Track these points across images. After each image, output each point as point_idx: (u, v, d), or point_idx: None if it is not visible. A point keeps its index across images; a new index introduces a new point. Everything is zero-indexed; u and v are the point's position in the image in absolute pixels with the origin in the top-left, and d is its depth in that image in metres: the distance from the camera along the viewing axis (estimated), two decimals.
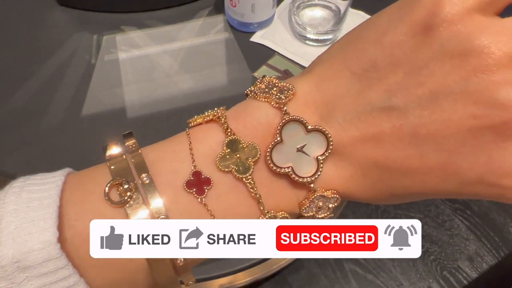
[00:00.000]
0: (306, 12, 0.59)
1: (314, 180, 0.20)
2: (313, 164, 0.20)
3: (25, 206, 0.19)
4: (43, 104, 0.53)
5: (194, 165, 0.20)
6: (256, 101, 0.22)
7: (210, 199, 0.20)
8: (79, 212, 0.20)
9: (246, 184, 0.20)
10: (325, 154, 0.20)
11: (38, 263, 0.18)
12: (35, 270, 0.18)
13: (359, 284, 1.06)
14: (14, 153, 0.49)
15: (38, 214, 0.18)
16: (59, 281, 0.18)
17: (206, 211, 0.20)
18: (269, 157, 0.20)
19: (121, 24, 0.61)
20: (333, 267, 1.08)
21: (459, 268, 1.09)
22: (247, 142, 0.20)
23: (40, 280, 0.18)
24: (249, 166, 0.20)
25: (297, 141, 0.20)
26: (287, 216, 0.21)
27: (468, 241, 1.13)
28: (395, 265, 1.08)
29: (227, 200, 0.20)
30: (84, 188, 0.21)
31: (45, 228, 0.18)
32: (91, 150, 0.49)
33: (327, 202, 0.20)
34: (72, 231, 0.19)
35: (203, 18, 0.62)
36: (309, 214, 0.21)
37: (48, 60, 0.57)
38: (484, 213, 1.17)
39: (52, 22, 0.61)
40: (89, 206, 0.20)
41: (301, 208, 0.21)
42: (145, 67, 0.57)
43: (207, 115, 0.22)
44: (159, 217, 0.19)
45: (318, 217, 0.21)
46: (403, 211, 1.16)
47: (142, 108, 0.53)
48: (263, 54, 0.57)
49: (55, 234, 0.18)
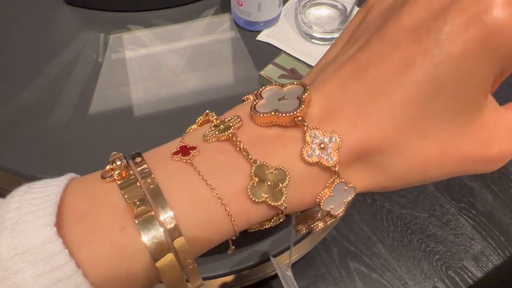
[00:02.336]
0: (312, 10, 0.59)
1: (299, 113, 0.20)
2: (295, 103, 0.20)
3: (28, 203, 0.19)
4: (50, 102, 0.53)
5: (182, 141, 0.21)
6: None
7: (198, 160, 0.20)
8: (79, 198, 0.20)
9: (232, 141, 0.20)
10: (305, 94, 0.20)
11: (34, 247, 0.18)
12: (32, 255, 0.18)
13: (364, 283, 1.06)
14: (22, 151, 0.49)
15: (38, 208, 0.19)
16: (56, 269, 0.18)
17: (194, 170, 0.20)
18: (253, 110, 0.20)
19: (127, 23, 0.61)
20: (338, 266, 1.08)
21: (464, 268, 1.09)
22: (231, 117, 0.21)
23: (37, 268, 0.18)
24: (231, 126, 0.21)
25: (277, 95, 0.21)
26: (282, 168, 0.20)
27: (473, 241, 1.13)
28: (400, 264, 1.08)
29: (215, 158, 0.21)
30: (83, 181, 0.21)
31: (44, 215, 0.18)
32: (98, 148, 0.50)
33: (326, 142, 0.19)
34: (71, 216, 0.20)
35: (209, 17, 0.62)
36: (313, 157, 0.19)
37: (55, 58, 0.57)
38: (490, 213, 1.17)
39: (59, 21, 0.61)
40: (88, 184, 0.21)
41: (303, 152, 0.19)
42: (152, 65, 0.57)
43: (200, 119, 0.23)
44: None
45: (322, 160, 0.19)
46: (408, 210, 1.16)
47: (149, 106, 0.53)
48: (270, 53, 0.57)
49: (53, 220, 0.18)
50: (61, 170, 0.47)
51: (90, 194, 0.20)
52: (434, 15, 0.18)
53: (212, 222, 0.20)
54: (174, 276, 0.20)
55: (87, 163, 0.48)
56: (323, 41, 0.58)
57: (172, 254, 0.19)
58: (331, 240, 1.11)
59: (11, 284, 0.17)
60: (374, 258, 1.09)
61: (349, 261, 1.08)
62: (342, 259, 1.09)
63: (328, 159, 0.19)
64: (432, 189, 1.19)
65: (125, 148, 0.51)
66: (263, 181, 0.19)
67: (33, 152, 0.49)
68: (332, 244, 1.10)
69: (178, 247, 0.19)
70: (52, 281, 0.18)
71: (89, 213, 0.20)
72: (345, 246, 1.10)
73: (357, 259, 1.09)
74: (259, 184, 0.20)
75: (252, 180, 0.20)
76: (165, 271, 0.19)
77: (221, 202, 0.20)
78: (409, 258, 1.09)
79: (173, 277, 0.20)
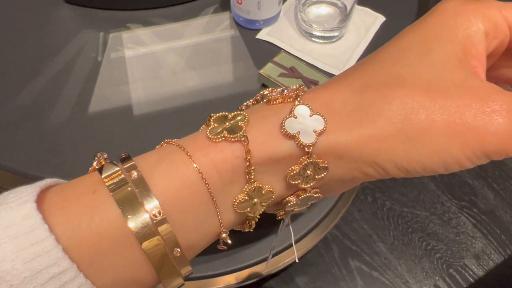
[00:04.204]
0: (312, 9, 0.59)
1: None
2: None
3: (11, 193, 0.20)
4: (50, 101, 0.53)
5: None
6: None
7: None
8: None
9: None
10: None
11: (15, 222, 0.18)
12: (12, 231, 0.18)
13: (364, 282, 1.06)
14: (21, 150, 0.49)
15: (21, 193, 0.20)
16: (35, 244, 0.18)
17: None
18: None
19: (127, 21, 0.61)
20: (339, 264, 1.08)
21: (465, 266, 1.09)
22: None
23: (17, 243, 0.18)
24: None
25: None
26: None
27: (474, 239, 1.12)
28: (401, 262, 1.08)
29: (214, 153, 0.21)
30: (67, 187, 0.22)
31: (26, 195, 0.19)
32: (98, 147, 0.50)
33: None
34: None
35: (209, 16, 0.62)
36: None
37: (55, 57, 0.57)
38: (491, 211, 1.16)
39: (58, 20, 0.61)
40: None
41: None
42: (151, 64, 0.57)
43: None
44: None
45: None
46: (409, 209, 1.16)
47: (149, 105, 0.53)
48: (269, 51, 0.57)
49: (34, 196, 0.19)
50: (60, 169, 0.47)
51: (71, 182, 0.21)
52: None
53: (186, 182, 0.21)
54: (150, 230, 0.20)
55: (87, 162, 0.48)
56: (323, 39, 0.58)
57: (143, 208, 0.20)
58: (332, 238, 1.11)
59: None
60: (374, 256, 1.09)
61: (349, 260, 1.08)
62: (343, 258, 1.09)
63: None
64: (433, 188, 1.19)
65: (125, 147, 0.51)
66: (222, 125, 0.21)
67: (33, 151, 0.49)
68: (333, 242, 1.10)
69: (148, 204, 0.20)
70: (32, 255, 0.18)
71: (66, 187, 0.21)
72: (346, 244, 1.10)
73: (357, 257, 1.09)
74: (218, 127, 0.21)
75: (211, 125, 0.22)
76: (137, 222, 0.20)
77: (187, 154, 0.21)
78: (410, 256, 1.09)
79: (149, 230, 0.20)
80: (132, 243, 0.20)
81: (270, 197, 0.22)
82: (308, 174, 0.21)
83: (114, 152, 0.47)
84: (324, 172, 0.21)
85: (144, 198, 0.20)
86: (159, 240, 0.20)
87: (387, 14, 0.61)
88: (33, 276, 0.18)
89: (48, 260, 0.18)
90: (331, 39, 0.58)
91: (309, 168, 0.21)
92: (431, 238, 1.12)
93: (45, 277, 0.18)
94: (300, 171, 0.21)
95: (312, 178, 0.21)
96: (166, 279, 0.21)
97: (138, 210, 0.19)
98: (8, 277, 0.17)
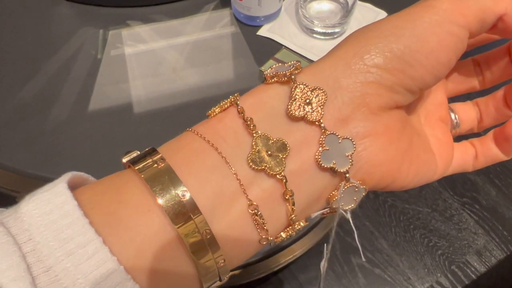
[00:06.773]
0: (313, 5, 0.58)
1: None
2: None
3: (39, 192, 0.20)
4: (50, 99, 0.52)
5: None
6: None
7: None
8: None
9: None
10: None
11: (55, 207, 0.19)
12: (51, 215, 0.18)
13: (366, 279, 1.06)
14: (21, 148, 0.49)
15: (51, 185, 0.20)
16: (67, 225, 0.18)
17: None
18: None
19: (127, 18, 0.61)
20: (341, 261, 1.07)
21: (468, 263, 1.08)
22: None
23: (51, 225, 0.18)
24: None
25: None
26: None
27: (476, 235, 1.12)
28: (402, 259, 1.08)
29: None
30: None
31: (59, 182, 0.20)
32: (98, 145, 0.49)
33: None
34: None
35: (209, 12, 0.61)
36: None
37: (54, 55, 0.56)
38: (493, 207, 1.16)
39: (58, 17, 0.61)
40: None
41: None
42: (152, 62, 0.56)
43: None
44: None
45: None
46: (411, 205, 1.15)
47: (149, 103, 0.53)
48: (270, 48, 0.57)
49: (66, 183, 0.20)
50: (61, 167, 0.47)
51: (122, 199, 0.21)
52: None
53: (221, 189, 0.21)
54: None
55: (87, 160, 0.48)
56: (324, 35, 0.57)
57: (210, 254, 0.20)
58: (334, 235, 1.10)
59: None
60: (376, 253, 1.09)
61: (351, 257, 1.08)
62: (345, 255, 1.08)
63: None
64: (435, 184, 1.19)
65: (125, 145, 0.50)
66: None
67: (33, 149, 0.49)
68: (335, 239, 1.10)
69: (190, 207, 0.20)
70: (60, 230, 0.18)
71: (118, 208, 0.20)
72: (348, 241, 1.10)
73: (359, 254, 1.09)
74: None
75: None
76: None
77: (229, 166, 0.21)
78: (412, 253, 1.09)
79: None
80: None
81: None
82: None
83: (115, 150, 0.47)
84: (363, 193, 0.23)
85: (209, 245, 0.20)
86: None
87: (388, 10, 0.60)
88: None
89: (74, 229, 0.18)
90: (332, 35, 0.57)
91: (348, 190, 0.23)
92: (433, 235, 1.12)
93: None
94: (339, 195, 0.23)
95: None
96: None
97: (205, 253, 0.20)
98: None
